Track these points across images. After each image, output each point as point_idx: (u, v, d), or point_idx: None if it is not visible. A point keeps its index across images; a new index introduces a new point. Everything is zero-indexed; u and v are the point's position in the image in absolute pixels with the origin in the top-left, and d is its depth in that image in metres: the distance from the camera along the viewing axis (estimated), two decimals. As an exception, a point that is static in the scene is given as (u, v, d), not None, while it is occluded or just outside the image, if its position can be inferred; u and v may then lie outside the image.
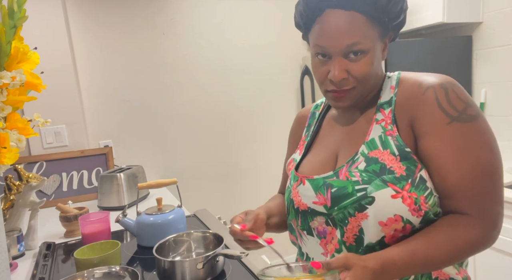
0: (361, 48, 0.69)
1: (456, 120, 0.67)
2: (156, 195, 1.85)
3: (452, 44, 2.00)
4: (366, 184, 0.69)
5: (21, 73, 0.92)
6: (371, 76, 0.73)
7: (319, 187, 0.76)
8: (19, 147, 0.96)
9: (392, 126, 0.72)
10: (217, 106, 2.34)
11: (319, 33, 0.71)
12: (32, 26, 1.69)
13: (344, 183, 0.72)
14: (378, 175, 0.69)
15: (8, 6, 0.90)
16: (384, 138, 0.72)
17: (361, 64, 0.71)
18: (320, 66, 0.74)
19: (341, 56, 0.71)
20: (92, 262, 0.99)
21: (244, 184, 2.47)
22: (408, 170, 0.68)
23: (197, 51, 2.25)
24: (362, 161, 0.72)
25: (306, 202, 0.78)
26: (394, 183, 0.67)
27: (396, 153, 0.69)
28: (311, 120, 0.93)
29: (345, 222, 0.72)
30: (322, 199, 0.75)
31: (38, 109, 1.72)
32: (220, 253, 0.97)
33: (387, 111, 0.74)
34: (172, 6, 2.17)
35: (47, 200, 1.83)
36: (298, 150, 0.91)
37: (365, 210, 0.68)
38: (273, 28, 2.43)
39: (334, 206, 0.73)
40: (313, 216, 0.77)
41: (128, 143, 2.14)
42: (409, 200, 0.67)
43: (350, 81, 0.72)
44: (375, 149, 0.72)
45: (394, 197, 0.67)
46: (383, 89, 0.78)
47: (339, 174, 0.74)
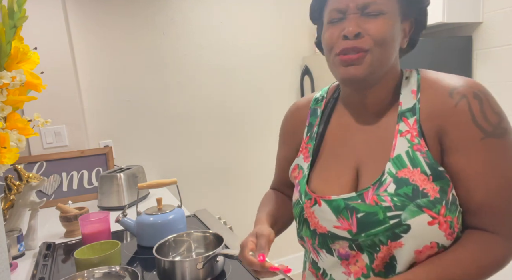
0: (379, 9, 0.65)
1: (490, 136, 0.62)
2: (156, 195, 1.85)
3: (452, 44, 2.00)
4: (399, 210, 0.63)
5: (21, 73, 0.92)
6: (389, 40, 0.66)
7: (340, 210, 0.69)
8: (19, 147, 0.96)
9: (419, 140, 0.65)
10: (217, 106, 2.34)
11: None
12: (32, 26, 1.69)
13: (373, 208, 0.65)
14: (411, 199, 0.63)
15: (8, 6, 0.90)
16: (412, 154, 0.65)
17: (379, 23, 0.65)
18: (333, 28, 0.69)
19: (357, 14, 0.66)
20: (92, 262, 0.99)
21: (244, 184, 2.47)
22: (442, 190, 0.63)
23: (197, 51, 2.25)
24: (391, 183, 0.65)
25: (325, 225, 0.71)
26: (429, 208, 0.62)
27: (428, 173, 0.64)
28: (313, 119, 0.83)
29: (375, 249, 0.67)
30: (346, 224, 0.68)
31: (38, 109, 1.72)
32: (220, 253, 0.97)
33: (411, 121, 0.67)
34: (172, 6, 2.16)
35: (47, 200, 1.83)
36: (301, 154, 0.82)
37: (399, 238, 0.63)
38: (273, 28, 2.43)
39: (361, 233, 0.67)
40: (333, 240, 0.71)
41: (128, 143, 2.14)
42: (445, 225, 0.63)
43: (365, 39, 0.66)
44: (404, 168, 0.65)
45: (431, 224, 0.62)
46: (402, 93, 0.71)
47: (364, 197, 0.67)
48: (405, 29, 0.72)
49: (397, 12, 0.68)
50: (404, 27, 0.71)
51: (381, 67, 0.68)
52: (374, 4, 0.65)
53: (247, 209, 2.47)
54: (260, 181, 2.49)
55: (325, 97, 0.85)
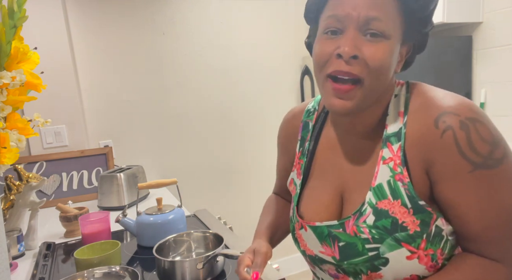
0: (381, 28, 0.59)
1: (480, 167, 0.57)
2: (156, 195, 1.85)
3: (452, 44, 2.00)
4: (378, 243, 0.62)
5: (21, 73, 0.92)
6: (384, 71, 0.61)
7: (324, 237, 0.69)
8: (19, 147, 0.96)
9: (402, 169, 0.62)
10: (217, 106, 2.34)
11: (337, 3, 0.61)
12: (32, 26, 1.69)
13: (352, 239, 0.65)
14: (389, 232, 0.61)
15: (8, 6, 0.90)
16: (393, 184, 0.62)
17: (379, 49, 0.60)
18: (327, 43, 0.62)
19: (357, 30, 0.60)
20: (92, 262, 0.99)
21: (245, 184, 2.47)
22: (423, 223, 0.61)
23: (197, 51, 2.25)
24: (370, 214, 0.64)
25: (312, 249, 0.73)
26: (408, 242, 0.61)
27: (409, 206, 0.61)
28: (304, 133, 0.81)
29: (358, 277, 0.67)
30: (329, 251, 0.69)
31: (38, 109, 1.72)
32: (220, 253, 0.97)
33: (396, 148, 0.63)
34: (172, 6, 2.16)
35: (47, 200, 1.83)
36: (295, 169, 0.81)
37: (378, 270, 0.64)
38: (273, 28, 2.43)
39: (343, 260, 0.68)
40: (321, 262, 0.73)
41: (128, 143, 2.14)
42: (425, 258, 0.61)
43: (361, 63, 0.60)
44: (384, 199, 0.63)
45: (409, 258, 0.61)
46: (389, 114, 0.67)
47: (345, 226, 0.66)
48: (402, 53, 0.67)
49: (399, 37, 0.63)
50: (402, 51, 0.66)
51: (372, 97, 0.64)
52: (377, 21, 0.59)
53: (247, 209, 2.47)
54: (260, 181, 2.49)
55: (316, 110, 0.81)
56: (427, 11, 0.63)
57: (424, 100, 0.64)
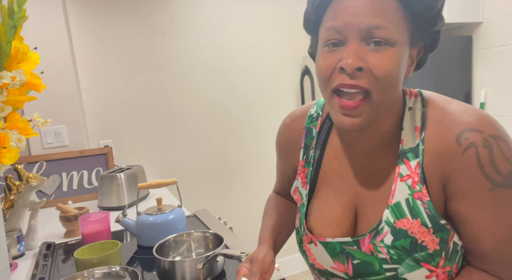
0: (386, 36, 0.55)
1: (499, 186, 0.57)
2: (156, 195, 1.85)
3: (452, 44, 2.00)
4: (396, 263, 0.61)
5: (21, 73, 0.92)
6: (393, 80, 0.57)
7: (336, 254, 0.67)
8: (19, 147, 0.96)
9: (421, 187, 0.60)
10: (217, 106, 2.34)
11: (335, 13, 0.58)
12: (32, 26, 1.69)
13: (368, 257, 0.63)
14: (409, 253, 0.60)
15: (8, 6, 0.90)
16: (412, 203, 0.61)
17: (384, 58, 0.56)
18: (329, 56, 0.59)
19: (359, 40, 0.56)
20: (92, 262, 0.99)
21: (244, 184, 2.47)
22: (442, 241, 0.60)
23: (197, 51, 2.25)
24: (388, 233, 0.62)
25: (323, 264, 0.71)
26: (427, 262, 0.60)
27: (429, 225, 0.60)
28: (308, 140, 0.77)
29: None
30: (342, 268, 0.67)
31: (38, 109, 1.72)
32: (220, 253, 0.97)
33: (413, 164, 0.61)
34: (172, 6, 2.16)
35: (47, 200, 1.83)
36: (299, 177, 0.78)
37: None
38: (273, 28, 2.43)
39: (357, 277, 0.66)
40: (331, 276, 0.71)
41: (128, 143, 2.14)
42: (443, 276, 0.61)
43: (366, 76, 0.56)
44: (403, 218, 0.61)
45: (428, 277, 0.61)
46: (405, 129, 0.63)
47: (360, 244, 0.64)
48: (413, 55, 0.62)
49: (406, 41, 0.58)
50: (412, 53, 0.62)
51: (382, 110, 0.61)
52: (380, 29, 0.55)
53: (247, 209, 2.47)
54: (260, 181, 2.49)
55: (320, 116, 0.77)
56: (434, 10, 0.58)
57: (443, 115, 0.61)
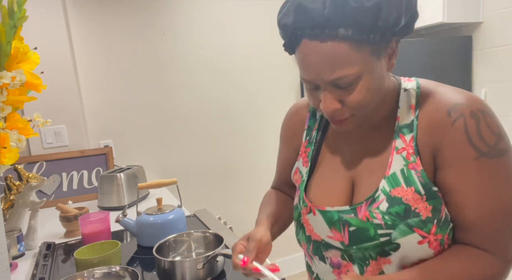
0: (349, 80, 0.60)
1: (485, 155, 0.61)
2: (156, 195, 1.85)
3: (452, 44, 2.00)
4: (390, 229, 0.64)
5: (21, 73, 0.92)
6: (370, 100, 0.63)
7: (333, 222, 0.70)
8: (19, 147, 0.96)
9: (415, 158, 0.65)
10: (217, 106, 2.34)
11: (301, 66, 0.63)
12: (32, 26, 1.69)
13: (364, 224, 0.66)
14: (402, 218, 0.63)
15: (8, 6, 0.90)
16: (407, 172, 0.65)
17: (355, 93, 0.61)
18: (312, 93, 0.66)
19: (330, 87, 0.62)
20: (92, 262, 0.99)
21: (244, 184, 2.47)
22: (434, 209, 0.63)
23: (197, 51, 2.25)
24: (383, 201, 0.65)
25: (319, 234, 0.73)
26: (420, 228, 0.63)
27: (422, 192, 0.63)
28: (311, 123, 0.83)
29: (365, 262, 0.68)
30: (338, 236, 0.70)
31: (38, 109, 1.72)
32: (220, 253, 0.97)
33: (408, 138, 0.66)
34: (172, 6, 2.16)
35: (47, 200, 1.83)
36: (300, 158, 0.82)
37: (388, 255, 0.65)
38: (273, 28, 2.42)
39: (352, 245, 0.68)
40: (327, 248, 0.73)
41: (128, 143, 2.14)
42: (435, 243, 0.64)
43: (344, 111, 0.64)
44: (398, 186, 0.65)
45: (420, 243, 0.63)
46: (401, 108, 0.69)
47: (357, 211, 0.68)
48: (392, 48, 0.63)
49: (371, 60, 0.60)
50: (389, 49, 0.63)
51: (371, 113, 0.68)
52: (342, 79, 0.59)
53: (247, 209, 2.47)
54: (260, 180, 2.49)
55: None
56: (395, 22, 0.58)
57: (436, 94, 0.67)
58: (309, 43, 0.59)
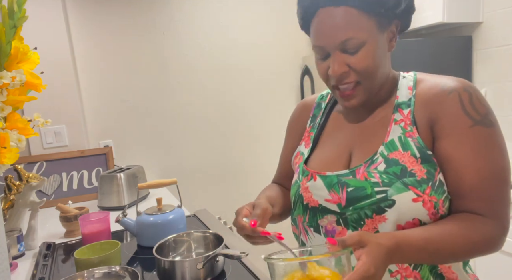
0: (356, 43, 0.69)
1: (479, 123, 0.67)
2: (156, 195, 1.85)
3: (452, 44, 2.00)
4: (387, 186, 0.68)
5: (21, 73, 0.92)
6: (374, 68, 0.71)
7: (332, 185, 0.74)
8: (19, 147, 0.96)
9: (412, 128, 0.71)
10: (217, 106, 2.34)
11: (315, 34, 0.72)
12: (32, 26, 1.69)
13: (362, 183, 0.70)
14: (399, 177, 0.68)
15: (8, 6, 0.90)
16: (404, 139, 0.71)
17: (360, 57, 0.70)
18: (321, 63, 0.75)
19: (338, 51, 0.70)
20: (92, 262, 0.99)
21: (244, 184, 2.47)
22: (429, 173, 0.68)
23: (197, 51, 2.25)
24: (381, 163, 0.70)
25: (317, 199, 0.76)
26: (415, 186, 0.67)
27: (417, 155, 0.69)
28: (317, 111, 0.91)
29: (360, 223, 0.71)
30: (336, 198, 0.73)
31: (38, 109, 1.72)
32: (220, 253, 0.97)
33: (406, 112, 0.73)
34: (173, 6, 2.16)
35: (47, 200, 1.83)
36: (303, 142, 0.89)
37: (384, 212, 0.68)
38: (273, 28, 2.43)
39: (349, 206, 0.71)
40: (323, 214, 0.76)
41: (128, 143, 2.14)
42: (429, 204, 0.67)
43: (351, 74, 0.71)
44: (395, 151, 0.70)
45: (415, 201, 0.66)
46: (399, 89, 0.77)
47: (356, 173, 0.72)
48: (393, 32, 0.74)
49: (376, 32, 0.70)
50: (391, 31, 0.73)
51: (376, 86, 0.74)
52: (350, 40, 0.68)
53: (247, 209, 2.47)
54: (260, 180, 2.48)
55: (330, 93, 0.91)
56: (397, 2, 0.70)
57: (431, 77, 0.76)
58: (324, 10, 0.70)
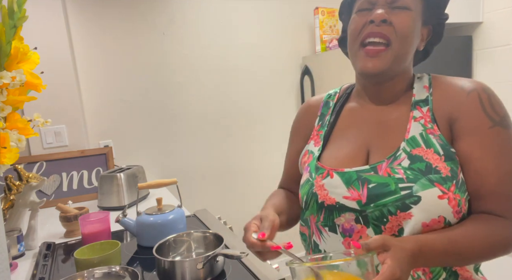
0: (405, 2, 0.71)
1: (498, 124, 0.68)
2: (156, 195, 1.85)
3: (452, 44, 2.00)
4: (412, 182, 0.66)
5: (21, 73, 0.92)
6: (408, 38, 0.72)
7: (352, 181, 0.72)
8: (19, 147, 0.96)
9: (432, 125, 0.71)
10: (217, 106, 2.34)
11: None
12: (32, 26, 1.69)
13: (385, 179, 0.68)
14: (424, 173, 0.67)
15: (8, 6, 0.90)
16: (425, 136, 0.70)
17: (404, 16, 0.71)
18: (359, 17, 0.74)
19: (384, 6, 0.71)
20: (92, 262, 0.99)
21: (244, 184, 2.47)
22: (452, 171, 0.67)
23: (197, 51, 2.25)
24: (405, 159, 0.69)
25: (334, 197, 0.73)
26: (440, 183, 0.66)
27: (441, 153, 0.68)
28: (325, 109, 0.89)
29: (382, 221, 0.68)
30: (356, 194, 0.71)
31: (38, 109, 1.72)
32: (220, 253, 0.97)
33: (425, 110, 0.73)
34: (173, 6, 2.16)
35: (47, 200, 1.83)
36: (312, 141, 0.86)
37: (409, 209, 0.66)
38: (273, 28, 2.43)
39: (370, 203, 0.69)
40: (340, 212, 0.73)
41: (128, 143, 2.14)
42: (454, 201, 0.66)
43: (390, 28, 0.71)
44: (418, 147, 0.69)
45: (440, 198, 0.65)
46: (415, 88, 0.77)
47: (377, 169, 0.70)
48: (423, 34, 0.77)
49: (420, 13, 0.73)
50: (423, 31, 0.77)
51: (399, 63, 0.73)
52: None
53: (248, 209, 2.47)
54: (260, 180, 2.49)
55: (337, 93, 0.90)
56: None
57: (446, 78, 0.76)
58: None
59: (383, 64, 0.72)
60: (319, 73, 2.32)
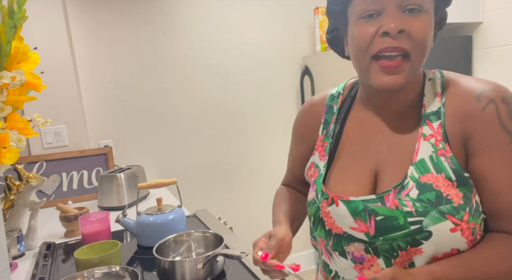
0: (419, 2, 0.61)
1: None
2: (156, 195, 1.85)
3: (452, 44, 2.00)
4: (421, 216, 0.61)
5: (21, 73, 0.92)
6: (428, 43, 0.63)
7: (358, 212, 0.67)
8: (19, 147, 0.96)
9: (444, 144, 0.64)
10: (217, 106, 2.34)
11: None
12: (32, 26, 1.69)
13: (393, 212, 0.64)
14: (434, 205, 0.61)
15: (8, 6, 0.90)
16: (436, 159, 0.63)
17: (421, 21, 0.61)
18: (366, 27, 0.63)
19: (396, 8, 0.61)
20: (92, 262, 0.99)
21: (245, 184, 2.47)
22: (465, 197, 0.62)
23: (197, 51, 2.25)
24: (413, 188, 0.63)
25: (342, 226, 0.69)
26: (452, 215, 0.61)
27: (453, 179, 0.62)
28: (328, 116, 0.81)
29: (393, 254, 0.65)
30: (363, 227, 0.67)
31: (38, 109, 1.72)
32: (220, 253, 0.97)
33: (436, 125, 0.65)
34: (172, 6, 2.16)
35: (47, 200, 1.83)
36: (316, 152, 0.80)
37: (419, 245, 0.62)
38: (273, 28, 2.43)
39: (378, 236, 0.65)
40: (349, 241, 0.69)
41: (128, 143, 2.14)
42: (467, 232, 0.61)
43: (407, 38, 0.61)
44: (427, 173, 0.63)
45: (453, 231, 0.61)
46: (426, 96, 0.69)
47: (384, 200, 0.65)
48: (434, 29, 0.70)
49: (433, 11, 0.65)
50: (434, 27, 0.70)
51: (416, 72, 0.66)
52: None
53: (247, 209, 2.47)
54: (260, 180, 2.49)
55: (341, 94, 0.82)
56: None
57: (460, 82, 0.67)
58: None
59: (403, 78, 0.63)
60: (319, 73, 2.32)
